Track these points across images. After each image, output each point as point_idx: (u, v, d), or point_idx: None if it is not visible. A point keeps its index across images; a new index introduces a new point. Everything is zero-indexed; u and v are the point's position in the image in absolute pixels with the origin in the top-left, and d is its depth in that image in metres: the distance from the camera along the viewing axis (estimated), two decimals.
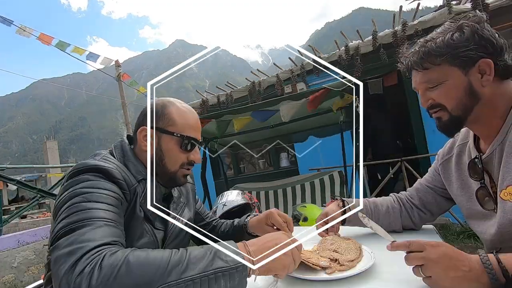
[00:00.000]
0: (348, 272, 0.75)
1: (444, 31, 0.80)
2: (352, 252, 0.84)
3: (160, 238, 0.90)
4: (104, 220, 0.66)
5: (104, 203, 0.70)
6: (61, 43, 5.75)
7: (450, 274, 0.62)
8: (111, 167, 0.79)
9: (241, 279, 0.62)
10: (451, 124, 0.83)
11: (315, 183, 3.24)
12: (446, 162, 1.00)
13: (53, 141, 22.01)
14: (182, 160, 0.93)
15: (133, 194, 0.82)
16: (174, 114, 0.92)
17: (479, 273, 0.61)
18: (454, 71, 0.78)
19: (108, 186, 0.75)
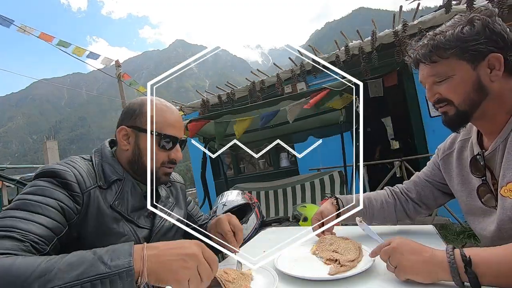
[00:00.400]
0: (349, 272, 0.75)
1: (454, 24, 0.78)
2: (352, 252, 0.84)
3: (144, 236, 0.89)
4: (10, 231, 0.64)
5: (38, 214, 0.70)
6: (62, 42, 5.75)
7: (412, 258, 0.67)
8: (63, 169, 0.79)
9: (124, 286, 0.57)
10: (457, 119, 0.82)
11: (315, 183, 3.23)
12: (447, 157, 0.99)
13: (53, 141, 22.00)
14: (162, 158, 0.92)
15: (86, 198, 0.80)
16: (152, 113, 0.90)
17: (440, 259, 0.64)
18: (462, 65, 0.76)
19: (54, 194, 0.75)
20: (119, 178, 0.88)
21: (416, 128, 4.59)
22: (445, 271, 0.63)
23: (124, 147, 0.92)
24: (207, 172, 3.68)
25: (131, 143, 0.92)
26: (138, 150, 0.91)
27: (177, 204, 1.08)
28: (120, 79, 7.01)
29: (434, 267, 0.65)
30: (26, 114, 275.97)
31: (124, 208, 0.87)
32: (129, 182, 0.91)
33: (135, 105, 0.93)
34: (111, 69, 7.39)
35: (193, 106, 6.47)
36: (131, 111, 0.93)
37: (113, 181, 0.87)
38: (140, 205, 0.92)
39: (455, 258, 0.63)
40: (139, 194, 0.92)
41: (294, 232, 1.05)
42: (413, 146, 5.04)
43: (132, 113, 0.92)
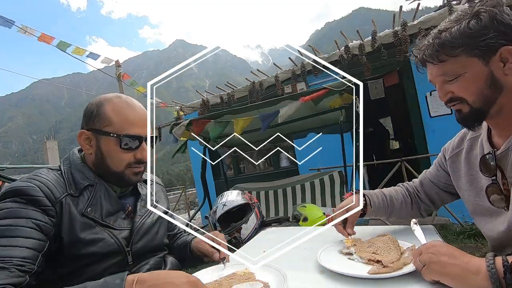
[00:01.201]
0: (393, 273, 0.72)
1: (459, 19, 0.73)
2: (392, 252, 0.81)
3: (124, 236, 0.87)
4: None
5: (13, 238, 0.68)
6: (62, 43, 5.75)
7: (444, 259, 0.63)
8: (27, 185, 0.76)
9: None
10: (472, 117, 0.78)
11: (315, 183, 3.23)
12: (456, 156, 0.96)
13: (53, 141, 22.00)
14: (128, 159, 0.88)
15: (59, 209, 0.78)
16: (110, 113, 0.86)
17: (477, 264, 0.60)
18: (473, 62, 0.72)
19: (25, 213, 0.72)
20: (91, 184, 0.85)
21: (416, 128, 4.59)
22: (481, 276, 0.58)
23: (87, 151, 0.89)
24: (207, 172, 3.68)
25: (93, 147, 0.88)
26: (100, 154, 0.87)
27: (160, 202, 1.06)
28: (120, 79, 7.01)
29: (468, 273, 0.60)
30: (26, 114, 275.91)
31: (98, 214, 0.83)
32: (102, 187, 0.87)
33: (92, 106, 0.88)
34: (111, 69, 7.39)
35: (193, 106, 6.46)
36: (89, 113, 0.88)
37: (84, 187, 0.84)
38: (116, 209, 0.89)
39: (495, 263, 0.58)
40: (113, 197, 0.89)
41: (294, 232, 1.05)
42: (413, 146, 5.04)
43: (90, 115, 0.88)
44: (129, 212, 0.93)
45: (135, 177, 0.92)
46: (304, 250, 1.00)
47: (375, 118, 6.91)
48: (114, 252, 0.83)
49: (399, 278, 0.71)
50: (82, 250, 0.79)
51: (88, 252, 0.79)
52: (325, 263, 0.82)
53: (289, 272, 0.79)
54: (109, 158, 0.87)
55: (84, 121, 0.89)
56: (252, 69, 6.34)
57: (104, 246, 0.81)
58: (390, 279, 0.71)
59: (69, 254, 0.79)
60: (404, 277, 0.71)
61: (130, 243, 0.88)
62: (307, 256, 0.96)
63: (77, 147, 0.96)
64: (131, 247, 0.88)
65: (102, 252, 0.81)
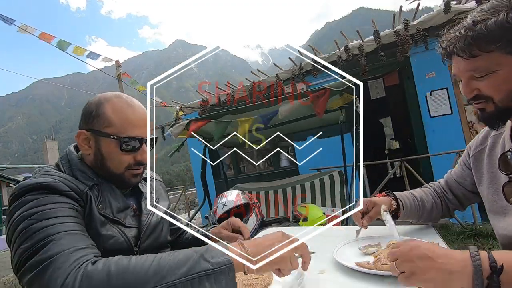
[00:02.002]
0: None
1: (495, 10, 0.67)
2: None
3: (133, 235, 0.87)
4: (64, 232, 0.65)
5: (57, 217, 0.67)
6: (62, 42, 5.74)
7: (422, 265, 0.60)
8: (53, 181, 0.73)
9: (227, 281, 0.60)
10: (497, 116, 0.74)
11: (315, 183, 3.23)
12: (479, 154, 0.94)
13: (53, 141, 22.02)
14: (128, 161, 0.87)
15: (85, 200, 0.77)
16: (110, 113, 0.84)
17: (460, 264, 0.57)
18: (508, 59, 0.67)
19: (55, 199, 0.71)
20: (96, 183, 0.84)
21: (416, 128, 4.59)
22: (465, 278, 0.56)
23: (86, 151, 0.86)
24: (207, 172, 3.68)
25: (92, 147, 0.86)
26: (100, 155, 0.85)
27: (161, 198, 1.06)
28: (120, 79, 7.01)
29: (450, 275, 0.57)
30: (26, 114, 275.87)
31: (109, 211, 0.83)
32: (107, 185, 0.86)
33: (92, 106, 0.86)
34: (111, 69, 7.39)
35: (193, 106, 6.47)
36: (88, 113, 0.85)
37: (90, 187, 0.82)
38: (124, 205, 0.88)
39: (482, 263, 0.55)
40: (119, 195, 0.88)
41: (294, 232, 1.05)
42: (413, 146, 5.04)
43: (89, 116, 0.85)
44: (135, 211, 0.92)
45: (134, 179, 0.91)
46: None
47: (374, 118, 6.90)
48: (123, 251, 0.83)
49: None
50: (98, 245, 0.78)
51: (101, 248, 0.78)
52: (341, 259, 0.83)
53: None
54: (109, 160, 0.85)
55: (83, 121, 0.87)
56: (252, 69, 6.33)
57: (115, 244, 0.81)
58: None
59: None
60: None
61: (139, 242, 0.88)
62: None
63: (73, 144, 0.93)
64: (139, 246, 0.88)
65: (112, 249, 0.80)
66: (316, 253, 0.99)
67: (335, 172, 3.16)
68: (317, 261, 0.89)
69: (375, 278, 0.74)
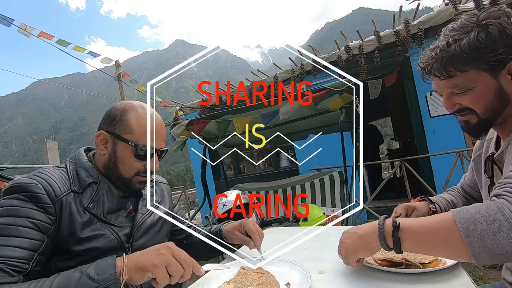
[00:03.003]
0: (426, 269, 0.73)
1: (466, 30, 0.72)
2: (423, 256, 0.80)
3: (125, 234, 0.89)
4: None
5: (8, 237, 0.69)
6: (61, 41, 5.75)
7: (348, 240, 0.75)
8: (30, 182, 0.78)
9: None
10: (480, 127, 0.80)
11: (315, 183, 3.23)
12: (478, 158, 0.98)
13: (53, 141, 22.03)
14: (138, 168, 0.92)
15: (60, 205, 0.79)
16: (133, 121, 0.89)
17: (372, 229, 0.70)
18: (483, 76, 0.73)
19: (24, 212, 0.74)
20: (94, 181, 0.88)
21: (416, 128, 4.59)
22: (375, 237, 0.69)
23: (102, 151, 0.91)
24: (207, 172, 3.68)
25: (108, 149, 0.91)
26: (114, 158, 0.90)
27: (163, 201, 1.08)
28: (120, 79, 7.01)
29: (366, 238, 0.71)
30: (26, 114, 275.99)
31: (100, 210, 0.86)
32: (105, 185, 0.90)
33: (117, 111, 0.92)
34: (111, 69, 7.39)
35: (193, 106, 6.47)
36: (112, 117, 0.91)
37: (88, 184, 0.86)
38: (117, 207, 0.91)
39: (384, 225, 0.68)
40: (115, 196, 0.91)
41: (294, 232, 1.05)
42: (413, 146, 5.04)
43: (112, 119, 0.91)
44: (130, 211, 0.95)
45: (140, 185, 0.95)
46: (304, 250, 1.01)
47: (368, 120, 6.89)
48: (114, 249, 0.85)
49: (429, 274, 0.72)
50: (83, 246, 0.80)
51: (88, 247, 0.81)
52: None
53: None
54: (121, 164, 0.90)
55: (105, 122, 0.92)
56: (252, 69, 6.33)
57: (105, 241, 0.84)
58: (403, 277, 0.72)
59: (69, 251, 0.80)
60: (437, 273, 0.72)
61: (131, 240, 0.91)
62: (307, 256, 0.96)
63: (83, 147, 0.99)
64: (132, 244, 0.91)
65: (102, 248, 0.83)
66: (316, 253, 1.00)
67: (335, 172, 3.16)
68: (317, 261, 0.89)
69: (375, 277, 0.74)
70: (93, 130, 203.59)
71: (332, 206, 2.97)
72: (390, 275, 0.74)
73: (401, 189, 4.46)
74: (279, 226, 2.42)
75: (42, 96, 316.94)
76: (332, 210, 2.71)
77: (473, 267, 2.55)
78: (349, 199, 2.59)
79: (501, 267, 0.85)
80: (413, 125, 4.65)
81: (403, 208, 1.02)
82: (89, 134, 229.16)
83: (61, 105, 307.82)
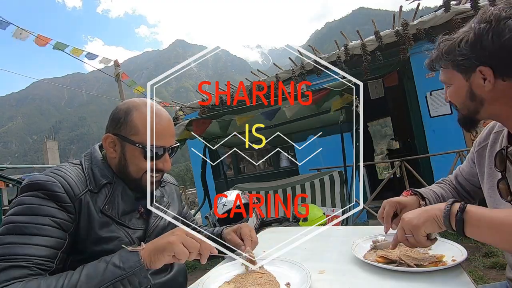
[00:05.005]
0: (423, 268, 0.73)
1: (463, 33, 0.77)
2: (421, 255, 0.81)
3: (138, 237, 0.89)
4: (13, 260, 0.67)
5: (32, 235, 0.70)
6: (59, 44, 5.74)
7: (415, 213, 0.76)
8: (49, 180, 0.77)
9: (141, 279, 0.68)
10: (464, 121, 0.87)
11: (315, 183, 3.23)
12: (482, 149, 0.98)
13: (53, 141, 22.03)
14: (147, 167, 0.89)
15: (79, 204, 0.79)
16: (138, 121, 0.87)
17: (440, 205, 0.72)
18: (457, 75, 0.80)
19: (45, 211, 0.74)
20: (110, 182, 0.87)
21: (416, 128, 4.59)
22: (440, 215, 0.71)
23: (111, 154, 0.90)
24: (207, 172, 3.68)
25: (118, 151, 0.89)
26: (124, 160, 0.89)
27: (172, 203, 1.07)
28: (119, 79, 7.01)
29: (432, 212, 0.73)
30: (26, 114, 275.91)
31: (115, 212, 0.85)
32: (120, 186, 0.89)
33: (120, 112, 0.89)
34: (110, 69, 7.39)
35: (193, 106, 6.47)
36: (117, 118, 0.89)
37: (103, 184, 0.86)
38: (131, 208, 0.91)
39: (452, 206, 0.70)
40: (130, 197, 0.91)
41: (294, 232, 1.05)
42: (413, 146, 5.04)
43: (117, 121, 0.89)
44: (141, 213, 0.94)
45: (150, 186, 0.92)
46: (304, 250, 1.00)
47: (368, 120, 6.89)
48: None
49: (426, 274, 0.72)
50: (99, 247, 0.81)
51: (103, 249, 0.80)
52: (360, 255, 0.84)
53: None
54: (131, 165, 0.88)
55: (111, 125, 0.90)
56: (252, 69, 6.33)
57: (119, 244, 0.82)
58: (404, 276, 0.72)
59: (84, 251, 0.80)
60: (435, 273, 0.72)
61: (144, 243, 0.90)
62: (307, 256, 0.96)
63: (98, 143, 0.97)
64: None
65: (116, 250, 0.81)
66: (316, 253, 1.00)
67: (335, 172, 3.16)
68: (317, 261, 0.89)
69: (375, 277, 0.74)
70: (93, 130, 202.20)
71: (332, 206, 2.97)
72: (390, 275, 0.74)
73: (401, 189, 4.45)
74: (279, 226, 2.42)
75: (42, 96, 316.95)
76: (332, 210, 2.71)
77: (473, 267, 2.55)
78: (349, 199, 2.59)
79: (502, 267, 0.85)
80: (413, 125, 4.65)
81: (392, 205, 0.98)
82: (89, 134, 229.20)
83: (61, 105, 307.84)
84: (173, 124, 0.95)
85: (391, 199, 0.99)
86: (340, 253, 0.93)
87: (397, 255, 0.79)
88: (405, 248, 0.85)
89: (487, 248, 2.86)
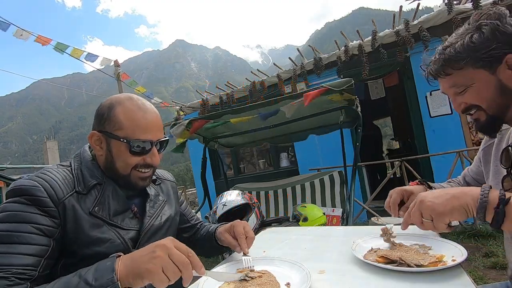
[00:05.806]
0: (422, 268, 0.72)
1: (462, 34, 0.77)
2: (422, 255, 0.80)
3: (131, 237, 0.87)
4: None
5: (13, 244, 0.68)
6: (59, 44, 5.74)
7: (441, 199, 0.68)
8: (32, 185, 0.75)
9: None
10: (490, 124, 0.81)
11: (315, 183, 3.23)
12: (488, 148, 0.97)
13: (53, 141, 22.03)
14: (136, 162, 0.88)
15: (63, 208, 0.77)
16: (121, 116, 0.85)
17: (473, 192, 0.65)
18: (480, 73, 0.76)
19: (27, 218, 0.72)
20: (99, 183, 0.85)
21: (416, 128, 4.59)
22: (473, 205, 0.63)
23: (98, 152, 0.88)
24: (207, 172, 3.68)
25: (104, 148, 0.87)
26: (111, 157, 0.87)
27: (168, 201, 1.04)
28: (119, 79, 7.01)
29: (464, 199, 0.65)
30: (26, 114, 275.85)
31: (106, 213, 0.83)
32: (110, 186, 0.87)
33: (104, 108, 0.87)
34: (110, 69, 7.40)
35: (193, 106, 6.47)
36: (100, 115, 0.87)
37: (92, 185, 0.83)
38: (124, 208, 0.88)
39: (490, 195, 0.62)
40: (121, 197, 0.88)
41: (294, 232, 1.05)
42: (413, 146, 5.04)
43: (101, 118, 0.87)
44: (135, 213, 0.92)
45: (142, 182, 0.91)
46: (304, 250, 1.00)
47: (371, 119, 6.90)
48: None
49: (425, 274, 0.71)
50: (91, 249, 0.78)
51: (96, 252, 0.78)
52: (359, 255, 0.84)
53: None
54: (117, 161, 0.87)
55: (96, 122, 0.89)
56: (252, 69, 6.33)
57: (111, 246, 0.81)
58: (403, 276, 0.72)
59: (75, 253, 0.78)
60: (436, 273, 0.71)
61: (137, 244, 0.88)
62: (307, 256, 0.96)
63: (86, 144, 0.96)
64: (138, 248, 0.87)
65: (108, 253, 0.79)
66: (316, 253, 1.00)
67: (335, 172, 3.16)
68: (317, 261, 0.89)
69: (375, 277, 0.74)
70: None
71: (332, 206, 2.97)
72: (390, 275, 0.73)
73: None
74: (279, 226, 2.42)
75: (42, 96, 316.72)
76: (332, 210, 2.71)
77: (473, 267, 2.55)
78: (349, 199, 2.59)
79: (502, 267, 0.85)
80: (413, 125, 4.64)
81: (398, 193, 0.97)
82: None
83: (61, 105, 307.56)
84: (159, 117, 0.91)
85: (397, 188, 0.99)
86: (340, 253, 0.92)
87: (397, 255, 0.79)
88: (405, 248, 0.85)
89: (487, 248, 2.86)
